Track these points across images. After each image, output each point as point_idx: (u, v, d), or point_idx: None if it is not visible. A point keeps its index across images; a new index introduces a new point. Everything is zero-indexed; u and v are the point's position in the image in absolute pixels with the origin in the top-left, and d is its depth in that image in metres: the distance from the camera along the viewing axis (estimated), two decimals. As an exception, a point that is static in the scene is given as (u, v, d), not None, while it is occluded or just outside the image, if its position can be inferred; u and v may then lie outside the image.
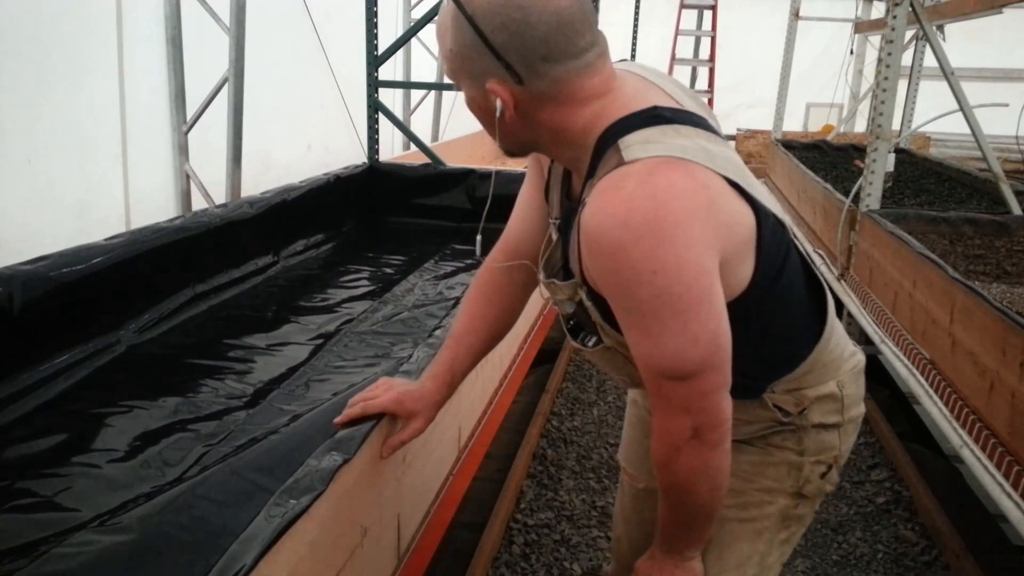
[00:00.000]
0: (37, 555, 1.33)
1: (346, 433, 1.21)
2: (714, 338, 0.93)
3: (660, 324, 0.91)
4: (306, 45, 4.62)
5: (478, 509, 2.29)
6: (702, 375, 0.94)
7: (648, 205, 0.89)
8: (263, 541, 0.94)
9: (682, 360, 0.93)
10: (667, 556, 1.14)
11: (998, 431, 2.00)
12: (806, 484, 1.18)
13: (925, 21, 3.58)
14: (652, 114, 0.98)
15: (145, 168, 3.47)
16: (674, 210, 0.89)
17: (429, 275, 3.08)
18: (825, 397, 1.15)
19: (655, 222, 0.88)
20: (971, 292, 2.21)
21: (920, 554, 2.35)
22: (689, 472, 1.00)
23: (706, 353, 0.93)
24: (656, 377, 0.96)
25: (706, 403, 0.96)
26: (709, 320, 0.92)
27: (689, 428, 0.97)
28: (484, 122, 1.03)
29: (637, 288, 0.90)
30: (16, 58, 2.79)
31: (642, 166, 0.92)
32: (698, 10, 8.27)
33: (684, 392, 0.95)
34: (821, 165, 5.29)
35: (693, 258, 0.90)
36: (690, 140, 0.96)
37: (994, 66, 7.80)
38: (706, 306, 0.92)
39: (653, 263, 0.88)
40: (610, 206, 0.91)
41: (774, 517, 1.20)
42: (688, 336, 0.92)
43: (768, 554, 1.22)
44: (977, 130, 3.54)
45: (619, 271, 0.91)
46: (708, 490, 1.02)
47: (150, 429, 1.80)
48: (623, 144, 0.95)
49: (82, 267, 2.08)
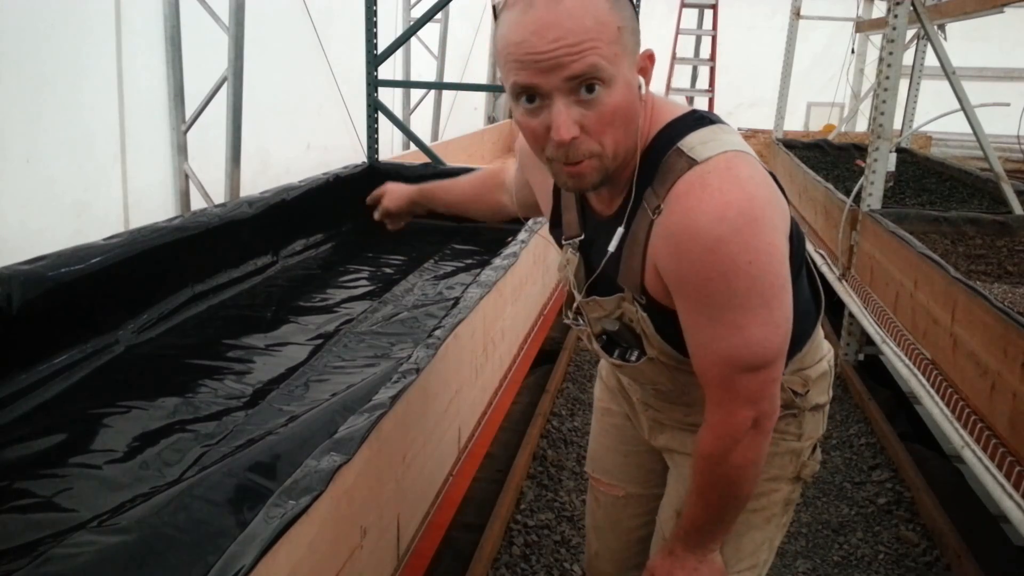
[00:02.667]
0: (36, 555, 1.32)
1: (345, 434, 1.20)
2: (789, 324, 0.97)
3: (749, 314, 0.93)
4: (305, 44, 4.61)
5: (478, 510, 2.29)
6: (775, 363, 0.98)
7: (740, 197, 0.90)
8: (262, 542, 0.93)
9: (764, 348, 0.95)
10: (690, 552, 1.14)
11: (999, 431, 2.00)
12: (803, 468, 1.23)
13: (926, 20, 3.58)
14: (697, 116, 0.99)
15: (144, 167, 3.46)
16: (761, 200, 0.92)
17: (429, 275, 3.07)
18: (822, 376, 1.20)
19: (749, 212, 0.90)
20: (972, 292, 2.21)
21: (921, 555, 2.34)
22: (743, 463, 1.02)
23: (784, 339, 0.97)
24: (729, 371, 0.97)
25: (771, 391, 1.00)
26: (787, 306, 0.96)
27: (751, 419, 0.99)
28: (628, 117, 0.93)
29: (734, 280, 0.91)
30: (14, 57, 2.78)
31: (719, 163, 0.93)
32: (699, 9, 8.26)
33: (755, 383, 0.98)
34: (822, 165, 5.29)
35: (779, 244, 0.93)
36: (736, 137, 0.99)
37: (995, 65, 7.80)
38: (785, 292, 0.96)
39: (750, 253, 0.90)
40: (702, 204, 0.91)
41: (779, 504, 1.24)
42: (772, 324, 0.95)
43: (775, 538, 1.26)
44: (978, 129, 3.53)
45: (716, 265, 0.91)
46: (753, 478, 1.06)
47: (149, 429, 1.79)
48: (685, 146, 0.95)
49: (81, 267, 2.07)
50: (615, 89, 0.89)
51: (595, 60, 0.86)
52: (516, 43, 0.88)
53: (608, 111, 0.89)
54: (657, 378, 1.14)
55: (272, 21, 4.21)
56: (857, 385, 3.40)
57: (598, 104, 0.89)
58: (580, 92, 0.88)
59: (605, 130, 0.91)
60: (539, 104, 0.90)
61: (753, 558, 1.23)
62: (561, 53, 0.85)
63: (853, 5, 6.25)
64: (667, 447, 1.30)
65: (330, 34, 4.77)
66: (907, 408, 3.18)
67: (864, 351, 3.60)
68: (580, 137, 0.90)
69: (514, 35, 0.88)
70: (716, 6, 8.00)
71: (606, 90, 0.88)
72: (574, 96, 0.88)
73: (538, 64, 0.87)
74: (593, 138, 0.91)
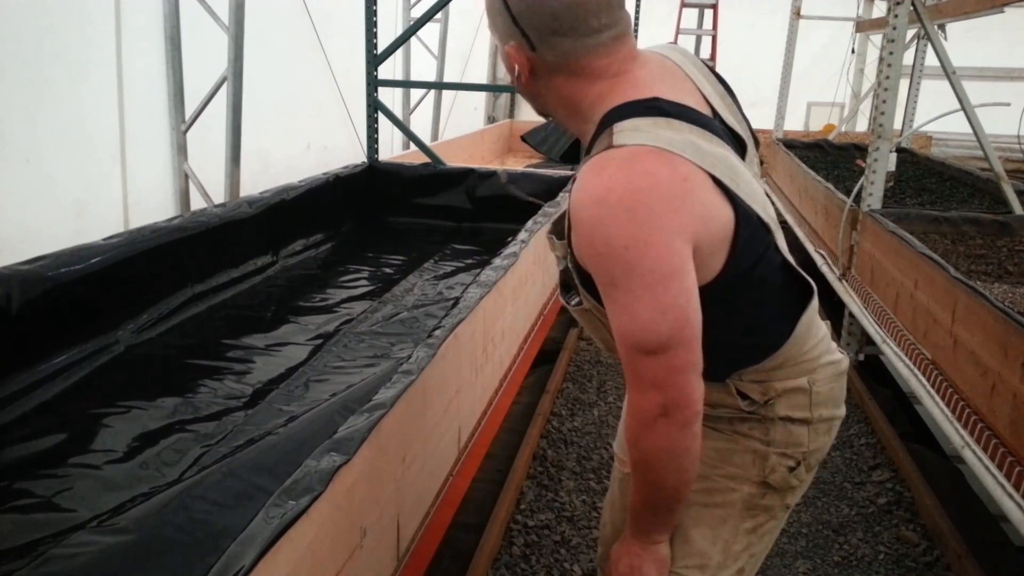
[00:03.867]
0: (35, 556, 1.33)
1: (345, 433, 1.20)
2: (684, 313, 0.98)
3: (632, 296, 0.98)
4: (305, 44, 4.61)
5: (478, 510, 2.28)
6: (672, 350, 0.99)
7: (624, 188, 0.96)
8: (262, 542, 0.93)
9: (654, 331, 0.98)
10: (635, 539, 1.16)
11: (1000, 431, 2.00)
12: (771, 473, 1.19)
13: (926, 20, 3.58)
14: (650, 104, 1.04)
15: (144, 167, 3.46)
16: (648, 196, 0.96)
17: (429, 275, 3.07)
18: (794, 391, 1.18)
19: (628, 203, 0.96)
20: (973, 292, 2.20)
21: (922, 555, 2.34)
22: (656, 451, 1.03)
23: (675, 326, 0.98)
24: (629, 351, 1.01)
25: (676, 380, 1.00)
26: (679, 295, 0.98)
27: (659, 405, 1.00)
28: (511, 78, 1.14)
29: (611, 261, 0.97)
30: (14, 57, 2.78)
31: (627, 152, 0.99)
32: (699, 9, 8.25)
33: (655, 367, 1.00)
34: (822, 164, 5.29)
35: (663, 239, 0.96)
36: (680, 135, 1.01)
37: (995, 65, 7.79)
38: (676, 282, 0.97)
39: (624, 238, 0.95)
40: (590, 185, 0.99)
41: (738, 505, 1.21)
42: (658, 308, 0.97)
43: (733, 542, 1.22)
44: (978, 129, 3.53)
45: (594, 244, 0.98)
46: (675, 471, 1.05)
47: (148, 430, 1.79)
48: (616, 129, 1.02)
49: (80, 267, 2.07)
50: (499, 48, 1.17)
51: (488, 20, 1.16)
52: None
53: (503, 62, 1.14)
54: (599, 333, 1.19)
55: (272, 21, 4.21)
56: (857, 385, 3.39)
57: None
58: None
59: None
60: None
61: (701, 557, 1.20)
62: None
63: (853, 5, 6.25)
64: None
65: (330, 34, 4.77)
66: (907, 408, 3.17)
67: (864, 351, 3.60)
68: None
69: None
70: (716, 6, 7.99)
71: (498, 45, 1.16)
72: None
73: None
74: None
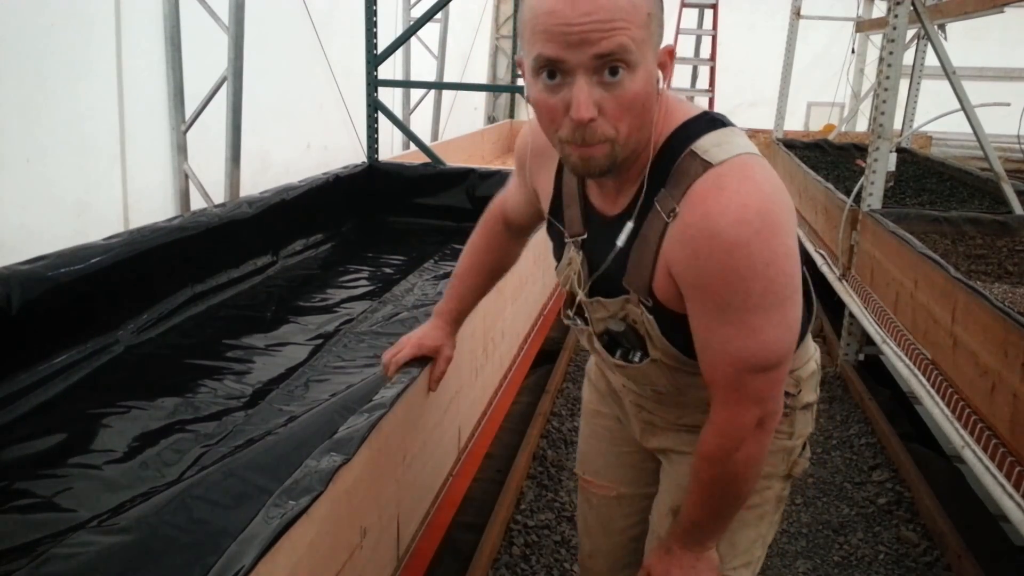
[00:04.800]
0: (35, 556, 1.32)
1: (345, 433, 1.20)
2: (799, 324, 0.99)
3: (763, 316, 0.93)
4: (305, 44, 4.61)
5: (478, 510, 2.28)
6: (784, 363, 0.99)
7: (758, 199, 0.91)
8: (262, 542, 0.93)
9: (775, 349, 0.96)
10: (687, 550, 1.15)
11: (1000, 431, 1.99)
12: (794, 466, 1.25)
13: (926, 20, 3.58)
14: (709, 119, 0.99)
15: (143, 167, 3.46)
16: (776, 202, 0.93)
17: (429, 275, 3.07)
18: (811, 375, 1.23)
19: (768, 214, 0.90)
20: (973, 292, 2.20)
21: (922, 555, 2.34)
22: (747, 461, 1.03)
23: (794, 340, 0.98)
24: (740, 372, 0.98)
25: (777, 391, 1.01)
26: (798, 307, 0.97)
27: (756, 418, 1.00)
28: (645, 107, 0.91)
29: (751, 282, 0.91)
30: (14, 57, 2.78)
31: (734, 166, 0.93)
32: (699, 9, 8.25)
33: (764, 382, 0.98)
34: (822, 164, 5.29)
35: (793, 246, 0.94)
36: (746, 140, 0.99)
37: (995, 65, 7.79)
38: (798, 293, 0.96)
39: (767, 255, 0.90)
40: (720, 206, 0.91)
41: (772, 501, 1.26)
42: (785, 325, 0.96)
43: (768, 535, 1.28)
44: (978, 129, 3.53)
45: (735, 268, 0.91)
46: (755, 476, 1.07)
47: (149, 430, 1.79)
48: (698, 149, 0.95)
49: (80, 267, 2.07)
50: (637, 75, 0.88)
51: (624, 41, 0.85)
52: (547, 12, 0.86)
53: (628, 97, 0.88)
54: (657, 380, 1.14)
55: (272, 21, 4.20)
56: (857, 385, 3.39)
57: (619, 88, 0.88)
58: (604, 73, 0.87)
59: (623, 116, 0.90)
60: (560, 81, 0.89)
61: (747, 555, 1.25)
62: (591, 28, 0.84)
63: (853, 5, 6.25)
64: (661, 447, 1.30)
65: (330, 34, 4.77)
66: (907, 408, 3.17)
67: (864, 351, 3.60)
68: (597, 119, 0.89)
69: (545, 4, 0.86)
70: (716, 6, 7.99)
71: (629, 75, 0.87)
72: (597, 76, 0.87)
73: (567, 36, 0.85)
74: (609, 122, 0.90)
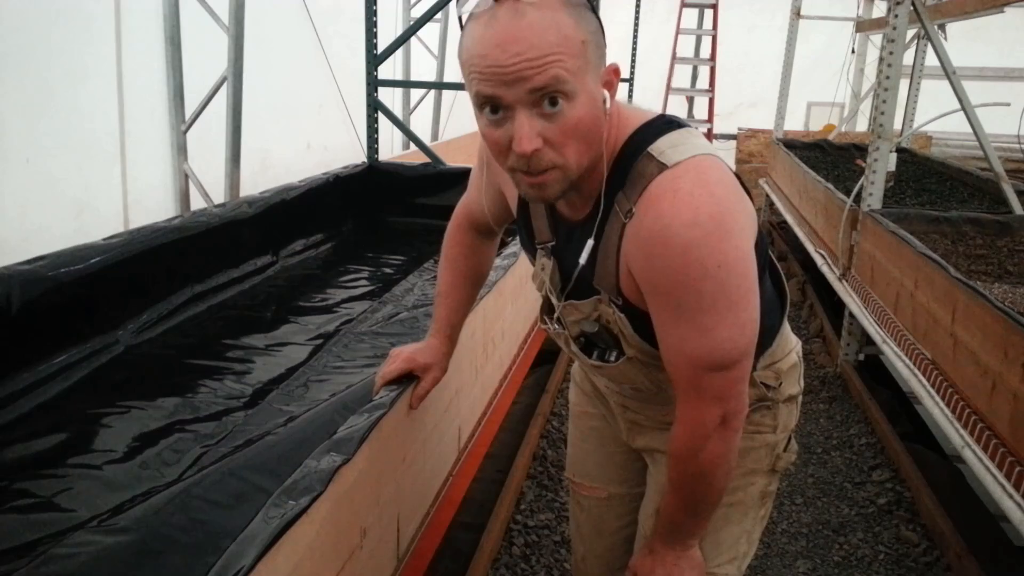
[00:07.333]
0: (35, 555, 1.32)
1: (345, 433, 1.20)
2: (755, 325, 0.98)
3: (716, 317, 0.94)
4: (305, 44, 4.62)
5: (478, 510, 2.28)
6: (741, 363, 0.99)
7: (711, 201, 0.91)
8: (262, 542, 0.93)
9: (731, 350, 0.97)
10: (669, 548, 1.16)
11: (1000, 431, 1.99)
12: (778, 460, 1.25)
13: (927, 20, 3.58)
14: (665, 121, 1.00)
15: (144, 167, 3.47)
16: (730, 203, 0.93)
17: (429, 275, 3.07)
18: (792, 367, 1.23)
19: (719, 217, 0.91)
20: (973, 292, 2.20)
21: (922, 555, 2.34)
22: (713, 458, 1.04)
23: (750, 340, 0.98)
24: (697, 371, 0.99)
25: (737, 389, 1.01)
26: (753, 308, 0.97)
27: (719, 416, 1.01)
28: (590, 130, 0.92)
29: (702, 283, 0.92)
30: (15, 57, 2.78)
31: (689, 167, 0.94)
32: (699, 9, 8.25)
33: (722, 381, 0.99)
34: (822, 164, 5.29)
35: (746, 248, 0.95)
36: (703, 140, 0.99)
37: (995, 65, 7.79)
38: (752, 294, 0.97)
39: (719, 257, 0.91)
40: (674, 208, 0.92)
41: (756, 496, 1.26)
42: (738, 325, 0.96)
43: (754, 530, 1.28)
44: (978, 129, 3.53)
45: (686, 268, 0.92)
46: (724, 474, 1.07)
47: (148, 430, 1.79)
48: (655, 151, 0.96)
49: (80, 267, 2.07)
50: (578, 102, 0.89)
51: (558, 72, 0.86)
52: (479, 55, 0.87)
53: (571, 124, 0.89)
54: (636, 377, 1.15)
55: (272, 21, 4.21)
56: (857, 385, 3.39)
57: (560, 117, 0.88)
58: (543, 105, 0.88)
59: (567, 143, 0.90)
60: (502, 116, 0.90)
61: (732, 551, 1.25)
62: (524, 67, 0.85)
63: (853, 5, 6.25)
64: (647, 447, 1.31)
65: (330, 34, 4.78)
66: (907, 408, 3.17)
67: (864, 351, 3.60)
68: (542, 149, 0.89)
69: (477, 48, 0.87)
70: (716, 6, 7.99)
71: (569, 103, 0.88)
72: (537, 108, 0.88)
73: (500, 77, 0.86)
74: (555, 150, 0.90)
